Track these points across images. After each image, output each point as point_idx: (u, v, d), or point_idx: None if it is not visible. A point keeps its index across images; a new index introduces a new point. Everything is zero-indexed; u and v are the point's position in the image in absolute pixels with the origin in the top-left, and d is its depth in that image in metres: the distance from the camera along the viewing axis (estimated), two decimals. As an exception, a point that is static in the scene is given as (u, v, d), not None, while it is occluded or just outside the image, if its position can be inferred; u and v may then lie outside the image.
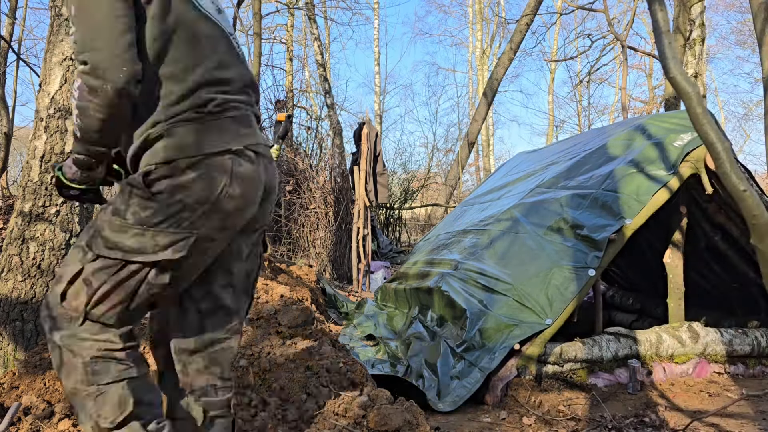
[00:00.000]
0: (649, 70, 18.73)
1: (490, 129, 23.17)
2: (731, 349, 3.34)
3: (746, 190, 2.14)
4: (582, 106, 21.68)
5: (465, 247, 4.26)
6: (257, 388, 2.29)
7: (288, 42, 13.86)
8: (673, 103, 7.40)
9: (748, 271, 3.92)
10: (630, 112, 16.93)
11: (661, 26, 2.13)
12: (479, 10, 22.27)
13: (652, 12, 2.15)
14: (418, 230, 12.54)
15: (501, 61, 12.23)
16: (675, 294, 3.63)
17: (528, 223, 3.81)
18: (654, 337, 3.25)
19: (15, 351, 2.61)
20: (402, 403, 2.23)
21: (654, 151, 3.49)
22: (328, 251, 7.68)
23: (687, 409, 2.82)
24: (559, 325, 2.98)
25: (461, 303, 3.56)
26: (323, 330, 2.95)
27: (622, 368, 3.14)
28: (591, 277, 3.06)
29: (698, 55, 7.17)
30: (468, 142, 12.71)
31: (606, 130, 4.49)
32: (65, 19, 2.79)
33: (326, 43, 18.69)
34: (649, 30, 17.28)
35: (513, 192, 4.62)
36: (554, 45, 22.33)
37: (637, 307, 4.81)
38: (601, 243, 3.15)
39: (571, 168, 4.07)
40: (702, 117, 2.14)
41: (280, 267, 4.64)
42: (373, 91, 20.91)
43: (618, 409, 2.80)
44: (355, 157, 7.43)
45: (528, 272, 3.34)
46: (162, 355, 1.49)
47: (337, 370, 2.48)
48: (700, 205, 3.85)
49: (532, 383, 2.95)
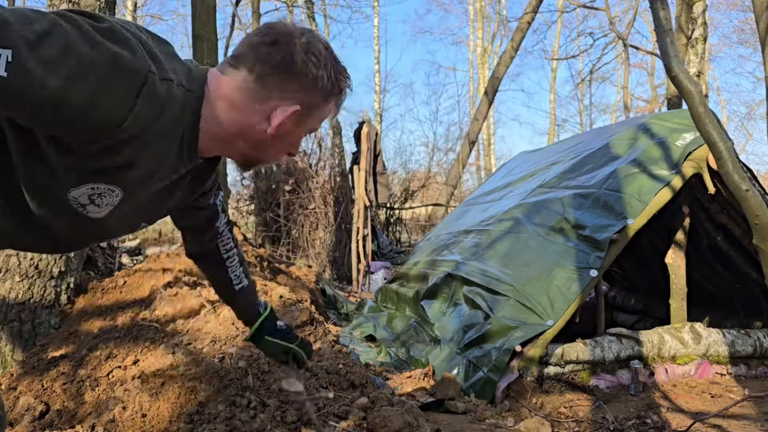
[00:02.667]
0: (651, 68, 18.73)
1: (491, 128, 23.16)
2: (734, 350, 3.32)
3: (749, 190, 2.13)
4: (584, 105, 21.69)
5: (466, 248, 4.24)
6: (256, 390, 2.27)
7: (288, 41, 13.85)
8: (676, 102, 7.38)
9: (750, 272, 3.90)
10: (632, 111, 16.91)
11: (663, 25, 2.11)
12: (480, 9, 22.26)
13: (654, 10, 2.13)
14: (419, 230, 12.52)
15: (502, 60, 12.21)
16: (677, 294, 3.61)
17: (530, 223, 3.80)
18: (656, 338, 3.23)
19: (13, 352, 2.60)
20: (402, 404, 2.21)
21: (657, 150, 3.47)
22: (328, 251, 7.67)
23: (689, 410, 2.81)
24: (560, 326, 2.97)
25: (462, 304, 3.54)
26: (323, 331, 2.93)
27: (624, 369, 3.13)
28: (593, 277, 3.05)
29: (700, 54, 7.15)
30: (469, 142, 12.70)
31: (608, 129, 4.47)
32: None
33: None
34: (651, 28, 17.26)
35: (514, 192, 4.60)
36: (556, 43, 22.32)
37: (639, 307, 4.79)
38: (603, 243, 3.13)
39: (573, 168, 4.05)
40: (704, 116, 2.12)
41: (279, 267, 4.63)
42: (373, 89, 20.91)
43: (620, 411, 2.78)
44: (355, 156, 7.41)
45: (529, 273, 3.33)
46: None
47: (337, 372, 2.46)
48: (702, 205, 3.83)
49: (533, 384, 2.93)
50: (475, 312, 3.37)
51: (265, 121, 1.03)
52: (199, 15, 6.06)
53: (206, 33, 6.08)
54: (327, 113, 1.11)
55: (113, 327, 2.85)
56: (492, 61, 21.02)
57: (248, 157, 1.10)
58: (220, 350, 2.39)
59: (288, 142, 1.09)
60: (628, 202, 3.27)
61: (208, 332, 2.56)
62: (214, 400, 2.06)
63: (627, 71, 9.03)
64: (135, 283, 3.23)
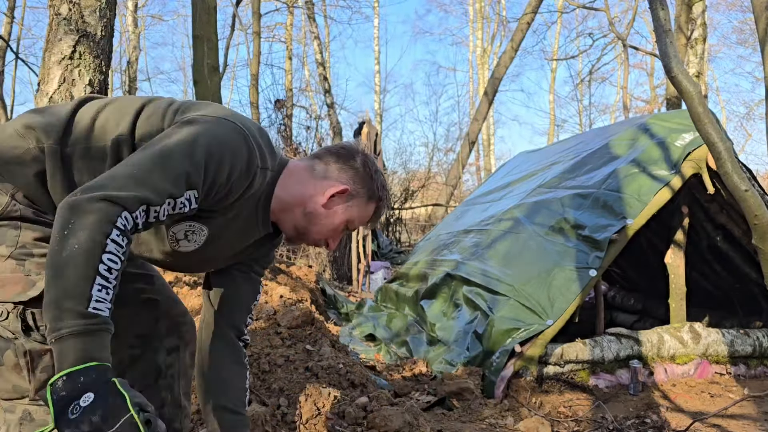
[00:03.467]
0: (651, 69, 18.74)
1: (491, 128, 23.16)
2: (733, 349, 3.32)
3: (748, 190, 2.13)
4: (583, 105, 21.70)
5: (466, 248, 4.24)
6: (257, 389, 2.28)
7: (287, 41, 13.85)
8: (675, 102, 7.38)
9: (749, 272, 3.90)
10: (631, 112, 16.92)
11: (662, 25, 2.11)
12: (480, 9, 22.26)
13: (653, 11, 2.14)
14: (419, 230, 12.52)
15: (502, 60, 12.22)
16: (676, 294, 3.61)
17: (529, 223, 3.80)
18: (655, 338, 3.24)
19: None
20: (402, 403, 2.22)
21: (656, 150, 3.48)
22: (328, 251, 7.67)
23: (688, 410, 2.81)
24: (560, 325, 2.97)
25: (462, 305, 3.55)
26: (323, 331, 2.94)
27: (623, 369, 3.13)
28: (592, 277, 3.05)
29: (700, 54, 7.16)
30: (469, 142, 12.71)
31: (608, 129, 4.48)
32: (64, 18, 2.78)
33: (326, 42, 18.68)
34: (651, 29, 17.26)
35: (514, 192, 4.60)
36: (555, 44, 22.33)
37: (638, 307, 4.79)
38: (603, 243, 3.13)
39: (573, 168, 4.06)
40: (703, 116, 2.13)
41: (279, 267, 4.64)
42: (373, 90, 20.92)
43: (619, 410, 2.79)
44: (356, 156, 7.40)
45: (529, 273, 3.33)
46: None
47: (337, 371, 2.47)
48: (701, 205, 3.83)
49: (533, 384, 2.94)
50: (474, 312, 3.37)
51: (321, 195, 1.26)
52: (200, 15, 6.07)
53: (206, 33, 6.09)
54: (368, 213, 1.33)
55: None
56: (492, 62, 21.02)
57: (299, 229, 1.29)
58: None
59: (332, 224, 1.29)
60: (628, 202, 3.27)
61: (209, 332, 2.56)
62: (214, 400, 2.06)
63: (626, 72, 9.04)
64: (135, 283, 3.23)
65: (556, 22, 20.36)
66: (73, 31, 2.76)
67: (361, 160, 1.30)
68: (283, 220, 1.29)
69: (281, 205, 1.27)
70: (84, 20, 2.79)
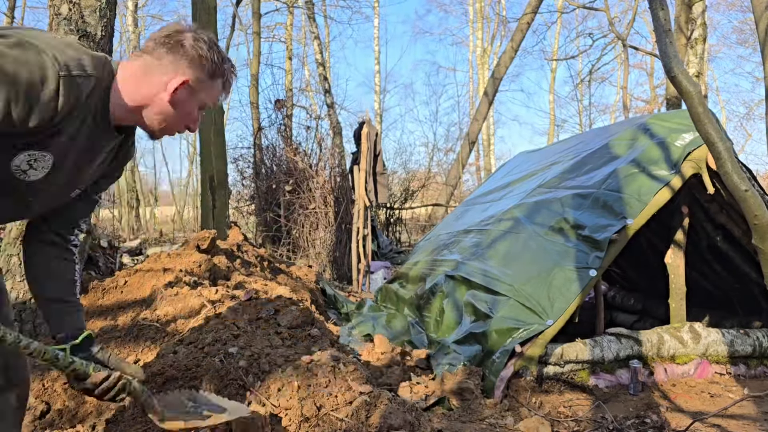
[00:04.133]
0: (651, 69, 18.74)
1: (491, 128, 23.16)
2: (733, 349, 3.32)
3: (748, 191, 2.13)
4: (583, 105, 21.70)
5: (466, 247, 4.24)
6: (257, 389, 2.28)
7: (287, 41, 13.86)
8: (675, 102, 7.38)
9: (749, 272, 3.90)
10: (631, 112, 16.92)
11: (662, 25, 2.11)
12: (480, 9, 22.27)
13: (653, 11, 2.14)
14: (419, 230, 12.52)
15: (502, 60, 12.22)
16: (676, 294, 3.61)
17: (529, 223, 3.80)
18: (655, 338, 3.24)
19: (13, 352, 2.60)
20: (403, 403, 2.22)
21: (656, 150, 3.48)
22: (328, 251, 7.67)
23: (688, 410, 2.81)
24: (560, 325, 2.97)
25: (462, 305, 3.55)
26: (323, 331, 2.94)
27: (623, 369, 3.13)
28: (592, 277, 3.05)
29: (700, 55, 7.16)
30: (469, 142, 12.71)
31: (608, 129, 4.48)
32: (64, 18, 2.78)
33: (326, 42, 18.69)
34: (650, 29, 17.25)
35: (514, 192, 4.61)
36: (555, 44, 22.33)
37: (638, 307, 4.79)
38: (603, 243, 3.13)
39: (573, 168, 4.06)
40: (703, 116, 2.13)
41: (279, 267, 4.64)
42: (373, 90, 20.94)
43: (619, 410, 2.79)
44: (355, 156, 7.41)
45: (529, 273, 3.33)
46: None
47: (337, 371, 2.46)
48: (701, 205, 3.84)
49: (533, 384, 2.94)
50: (474, 311, 3.37)
51: (163, 92, 1.29)
52: (200, 15, 6.07)
53: (206, 33, 6.07)
54: (217, 91, 1.35)
55: (114, 327, 2.86)
56: (492, 62, 21.03)
57: (155, 127, 1.33)
58: (221, 350, 2.39)
59: (185, 113, 1.33)
60: (628, 202, 3.27)
61: (209, 332, 2.57)
62: (214, 400, 2.06)
63: (626, 72, 9.04)
64: (136, 283, 3.23)
65: (556, 22, 20.37)
66: (73, 31, 2.77)
67: (190, 43, 1.29)
68: (137, 122, 1.34)
69: (127, 111, 1.29)
70: (84, 20, 2.80)
